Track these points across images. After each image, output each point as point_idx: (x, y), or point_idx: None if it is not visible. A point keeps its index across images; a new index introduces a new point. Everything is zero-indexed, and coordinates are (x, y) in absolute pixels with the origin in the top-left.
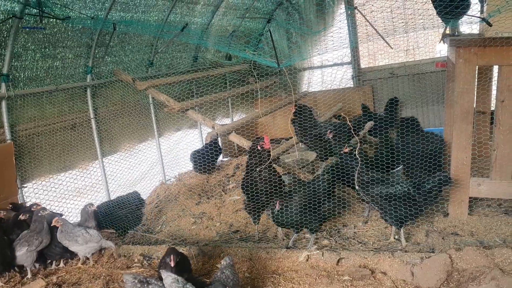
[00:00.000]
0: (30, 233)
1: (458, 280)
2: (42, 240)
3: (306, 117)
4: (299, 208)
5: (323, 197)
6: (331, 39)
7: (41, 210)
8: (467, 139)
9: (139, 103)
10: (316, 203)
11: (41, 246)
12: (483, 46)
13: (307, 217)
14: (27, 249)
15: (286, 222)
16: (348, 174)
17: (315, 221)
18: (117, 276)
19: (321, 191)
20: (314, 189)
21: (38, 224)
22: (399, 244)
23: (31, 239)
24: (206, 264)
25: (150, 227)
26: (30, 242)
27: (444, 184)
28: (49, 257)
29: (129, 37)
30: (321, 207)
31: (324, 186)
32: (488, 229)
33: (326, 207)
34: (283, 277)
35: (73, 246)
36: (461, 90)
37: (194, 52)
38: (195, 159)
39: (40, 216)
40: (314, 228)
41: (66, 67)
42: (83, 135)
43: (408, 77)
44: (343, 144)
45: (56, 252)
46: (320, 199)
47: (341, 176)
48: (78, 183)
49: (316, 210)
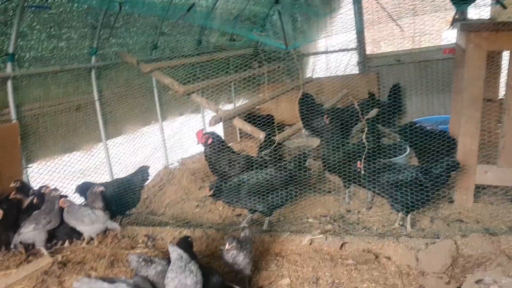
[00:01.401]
0: (40, 213)
1: (463, 266)
2: (51, 220)
3: (309, 106)
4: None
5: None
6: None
7: (53, 191)
8: (475, 125)
9: (144, 86)
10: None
11: (50, 226)
12: (495, 31)
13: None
14: (33, 227)
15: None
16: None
17: (266, 205)
18: (121, 256)
19: (281, 178)
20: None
21: (50, 204)
22: (404, 230)
23: (40, 218)
24: (210, 246)
25: (154, 209)
26: (37, 221)
27: (453, 169)
28: (57, 238)
29: (134, 19)
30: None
31: (283, 175)
32: (494, 217)
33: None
34: (286, 260)
35: (79, 226)
36: (471, 76)
37: (198, 36)
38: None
39: (52, 197)
40: (265, 212)
41: (71, 48)
42: (87, 116)
43: (414, 65)
44: (349, 128)
45: (64, 232)
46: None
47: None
48: (82, 164)
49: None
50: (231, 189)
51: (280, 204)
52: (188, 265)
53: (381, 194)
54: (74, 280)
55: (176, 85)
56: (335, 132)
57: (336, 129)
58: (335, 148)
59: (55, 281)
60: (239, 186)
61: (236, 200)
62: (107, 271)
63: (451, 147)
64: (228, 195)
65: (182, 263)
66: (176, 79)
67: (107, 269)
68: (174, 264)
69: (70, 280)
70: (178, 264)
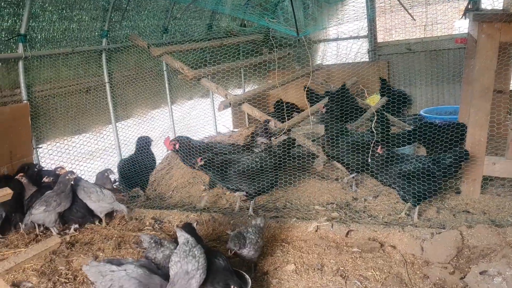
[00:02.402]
0: (50, 194)
1: (469, 257)
2: (61, 202)
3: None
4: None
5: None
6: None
7: (69, 173)
8: (485, 116)
9: (153, 70)
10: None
11: (60, 209)
12: (508, 22)
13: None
14: (44, 209)
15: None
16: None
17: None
18: (128, 237)
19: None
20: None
21: (62, 186)
22: (410, 219)
23: (50, 200)
24: (216, 230)
25: (161, 193)
26: (48, 203)
27: (462, 159)
28: (71, 220)
29: (145, 1)
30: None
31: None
32: (501, 208)
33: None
34: (292, 246)
35: (87, 201)
36: (482, 67)
37: (208, 20)
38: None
39: (65, 179)
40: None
41: (82, 30)
42: (97, 98)
43: (425, 53)
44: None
45: (78, 216)
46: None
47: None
48: (92, 146)
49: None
50: (221, 165)
51: (266, 189)
52: (192, 250)
53: (391, 185)
54: (81, 260)
55: (186, 69)
56: (333, 121)
57: (333, 118)
58: (335, 138)
59: (63, 261)
60: (227, 164)
61: (223, 178)
62: (115, 252)
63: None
64: (216, 170)
65: (187, 248)
66: (186, 63)
67: (115, 250)
68: (180, 249)
69: (77, 260)
70: (183, 249)
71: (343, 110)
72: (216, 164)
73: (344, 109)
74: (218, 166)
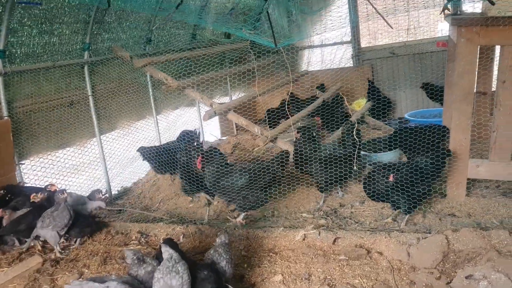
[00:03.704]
0: (45, 213)
1: (454, 261)
2: (55, 221)
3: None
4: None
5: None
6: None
7: (60, 192)
8: (467, 120)
9: (137, 81)
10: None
11: (57, 228)
12: (486, 26)
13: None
14: (40, 225)
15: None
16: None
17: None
18: (114, 253)
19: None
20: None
21: (56, 205)
22: (396, 224)
23: (45, 218)
24: (203, 242)
25: (147, 205)
26: (43, 220)
27: (447, 156)
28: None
29: (127, 13)
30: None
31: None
32: (486, 211)
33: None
34: (279, 256)
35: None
36: (462, 70)
37: (192, 30)
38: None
39: (59, 198)
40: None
41: (63, 44)
42: (80, 112)
43: (408, 57)
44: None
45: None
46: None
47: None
48: (76, 160)
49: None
50: (216, 173)
51: (255, 206)
52: (176, 266)
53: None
54: (66, 278)
55: (170, 80)
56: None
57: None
58: (304, 154)
59: (47, 279)
60: (222, 174)
61: (216, 188)
62: (100, 268)
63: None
64: (212, 177)
65: (170, 264)
66: (170, 73)
67: (100, 267)
68: (163, 265)
69: (62, 278)
70: (166, 265)
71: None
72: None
73: (335, 118)
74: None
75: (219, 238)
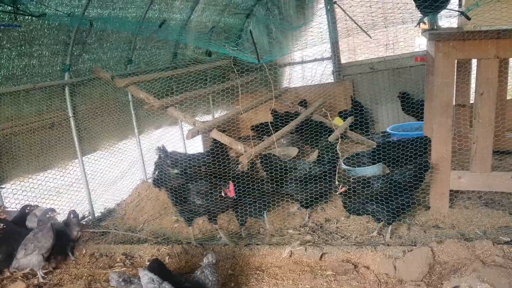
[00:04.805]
0: (29, 236)
1: (440, 273)
2: (40, 243)
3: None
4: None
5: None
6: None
7: (50, 211)
8: (447, 132)
9: (119, 101)
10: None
11: (42, 251)
12: (462, 40)
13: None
14: (24, 253)
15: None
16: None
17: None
18: (99, 276)
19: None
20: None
21: (41, 225)
22: (382, 238)
23: (28, 243)
24: (189, 262)
25: (131, 226)
26: (27, 247)
27: (425, 169)
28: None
29: (107, 34)
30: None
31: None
32: (469, 222)
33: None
34: (266, 274)
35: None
36: (441, 84)
37: (173, 49)
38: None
39: (45, 218)
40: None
41: (43, 65)
42: (62, 134)
43: (388, 72)
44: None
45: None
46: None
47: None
48: (58, 182)
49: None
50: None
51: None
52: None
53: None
54: None
55: (152, 99)
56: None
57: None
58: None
59: None
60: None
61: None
62: None
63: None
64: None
65: (155, 285)
66: (152, 93)
67: None
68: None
69: None
70: (151, 287)
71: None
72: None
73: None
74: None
75: (206, 258)
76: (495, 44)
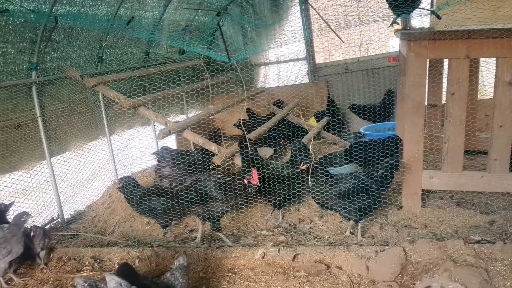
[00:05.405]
0: (13, 239)
1: (412, 273)
2: (12, 249)
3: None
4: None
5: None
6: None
7: (24, 215)
8: (419, 132)
9: (89, 101)
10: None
11: (12, 257)
12: (433, 40)
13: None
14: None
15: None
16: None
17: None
18: (66, 280)
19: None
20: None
21: (14, 229)
22: (355, 238)
23: (14, 246)
24: (160, 265)
25: (102, 229)
26: (12, 250)
27: (395, 168)
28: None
29: (77, 32)
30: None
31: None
32: (441, 221)
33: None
34: (238, 276)
35: None
36: (412, 84)
37: (145, 47)
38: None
39: (20, 221)
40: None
41: (9, 64)
42: (29, 134)
43: (362, 72)
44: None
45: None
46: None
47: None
48: (24, 183)
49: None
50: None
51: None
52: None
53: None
54: None
55: (122, 99)
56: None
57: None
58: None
59: None
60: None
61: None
62: None
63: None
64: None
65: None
66: (124, 92)
67: None
68: None
69: None
70: None
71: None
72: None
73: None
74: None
75: (177, 261)
76: (466, 44)
